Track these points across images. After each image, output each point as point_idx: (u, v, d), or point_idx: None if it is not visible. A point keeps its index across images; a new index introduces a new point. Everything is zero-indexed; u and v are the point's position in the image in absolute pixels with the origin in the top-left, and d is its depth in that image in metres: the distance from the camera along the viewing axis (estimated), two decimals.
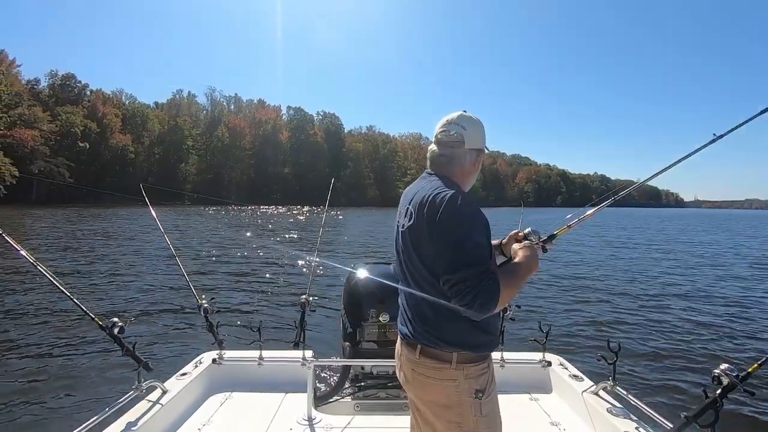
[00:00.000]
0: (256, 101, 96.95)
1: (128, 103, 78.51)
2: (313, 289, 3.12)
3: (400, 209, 1.55)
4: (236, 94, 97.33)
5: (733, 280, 11.71)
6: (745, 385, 1.68)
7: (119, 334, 2.13)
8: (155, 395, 2.27)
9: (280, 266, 12.29)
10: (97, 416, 1.88)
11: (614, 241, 23.49)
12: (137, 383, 2.19)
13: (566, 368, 2.81)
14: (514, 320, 2.67)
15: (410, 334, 1.45)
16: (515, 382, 2.81)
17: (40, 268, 2.13)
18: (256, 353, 2.80)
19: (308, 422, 2.36)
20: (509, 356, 2.86)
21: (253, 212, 47.09)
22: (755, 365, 1.71)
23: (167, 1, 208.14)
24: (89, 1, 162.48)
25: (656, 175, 1.88)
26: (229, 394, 2.70)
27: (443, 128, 1.52)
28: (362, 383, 2.71)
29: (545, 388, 2.81)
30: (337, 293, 3.89)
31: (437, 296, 1.36)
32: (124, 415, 2.06)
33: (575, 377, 2.67)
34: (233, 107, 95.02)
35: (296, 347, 2.74)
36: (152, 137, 76.84)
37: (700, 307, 8.40)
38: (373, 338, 2.67)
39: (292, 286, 9.36)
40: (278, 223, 31.76)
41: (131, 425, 1.99)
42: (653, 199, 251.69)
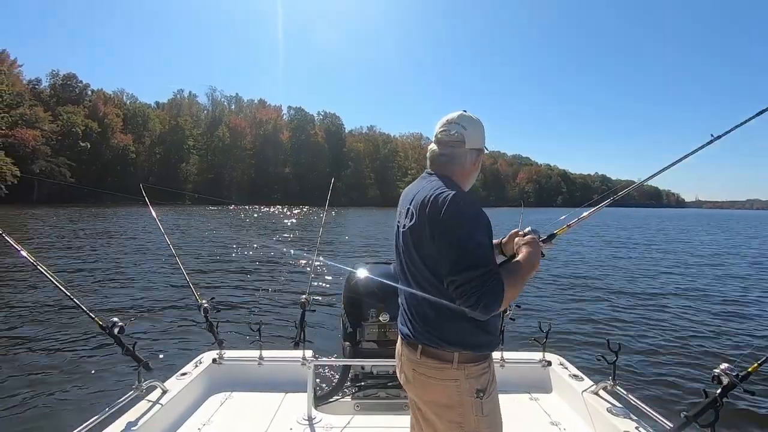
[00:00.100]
0: (256, 101, 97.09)
1: (129, 103, 78.63)
2: (313, 288, 3.12)
3: (400, 209, 1.54)
4: (237, 94, 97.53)
5: (732, 279, 11.70)
6: (745, 384, 1.68)
7: (119, 333, 2.13)
8: (155, 395, 2.27)
9: (280, 266, 12.29)
10: (97, 416, 1.89)
11: (614, 240, 23.47)
12: (137, 383, 2.19)
13: (566, 368, 2.81)
14: (514, 320, 2.67)
15: (411, 334, 1.45)
16: (515, 381, 2.81)
17: (40, 268, 2.13)
18: (256, 353, 2.81)
19: (308, 422, 2.36)
20: (509, 356, 2.86)
21: (253, 212, 47.10)
22: (755, 365, 1.71)
23: (167, 1, 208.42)
24: (89, 1, 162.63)
25: (654, 175, 1.88)
26: (229, 393, 2.70)
27: (444, 128, 1.51)
28: (362, 383, 2.71)
29: (545, 387, 2.81)
30: (337, 293, 3.89)
31: (438, 296, 1.36)
32: (124, 414, 2.06)
33: (575, 377, 2.67)
34: (234, 107, 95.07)
35: (296, 347, 2.75)
36: (153, 137, 76.93)
37: (699, 306, 8.40)
38: (373, 338, 2.67)
39: (292, 285, 9.36)
40: (279, 223, 31.78)
41: (131, 425, 1.99)
42: (654, 199, 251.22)
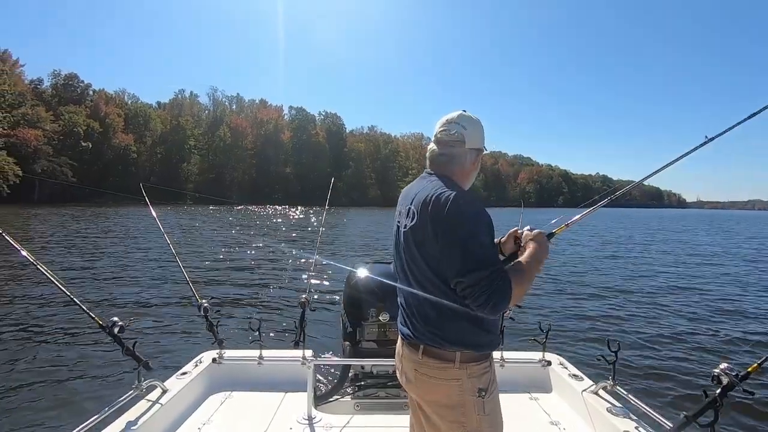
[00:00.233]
0: (257, 101, 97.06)
1: (130, 102, 78.68)
2: (313, 288, 3.13)
3: (399, 209, 1.54)
4: (238, 94, 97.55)
5: (732, 279, 11.68)
6: (744, 384, 1.67)
7: (119, 333, 2.13)
8: (155, 394, 2.27)
9: (280, 265, 12.30)
10: (97, 415, 1.89)
11: (614, 241, 23.46)
12: (137, 382, 2.19)
13: (566, 368, 2.81)
14: (514, 320, 2.67)
15: (412, 334, 1.45)
16: (515, 381, 2.81)
17: (40, 267, 2.14)
18: (256, 352, 2.81)
19: (308, 421, 2.36)
20: (509, 356, 2.86)
21: (254, 212, 47.14)
22: (755, 365, 1.71)
23: (167, 1, 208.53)
24: (89, 1, 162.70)
25: (650, 176, 1.90)
26: (229, 393, 2.70)
27: (443, 127, 1.51)
28: (362, 382, 2.71)
29: (545, 387, 2.81)
30: (337, 292, 3.90)
31: (440, 296, 1.36)
32: (124, 414, 2.06)
33: (575, 377, 2.67)
34: (235, 107, 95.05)
35: (296, 346, 2.75)
36: (154, 137, 77.03)
37: (699, 306, 8.39)
38: (373, 338, 2.68)
39: (292, 285, 9.37)
40: (279, 222, 31.79)
41: (131, 424, 1.99)
42: (655, 199, 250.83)
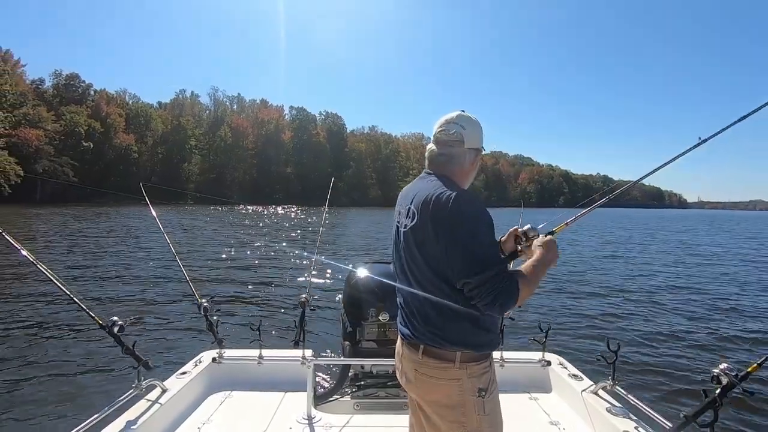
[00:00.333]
0: (258, 101, 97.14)
1: (132, 102, 78.78)
2: (313, 287, 3.13)
3: (399, 209, 1.54)
4: (239, 94, 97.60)
5: (732, 279, 11.67)
6: (744, 384, 1.67)
7: (119, 332, 2.13)
8: (155, 394, 2.27)
9: (280, 265, 12.30)
10: (97, 415, 1.89)
11: (614, 240, 23.47)
12: (137, 382, 2.20)
13: (566, 368, 2.81)
14: (513, 320, 2.67)
15: (412, 334, 1.45)
16: (515, 381, 2.81)
17: (40, 267, 2.14)
18: (255, 352, 2.81)
19: (308, 421, 2.36)
20: (509, 356, 2.86)
21: (255, 212, 47.16)
22: (755, 365, 1.70)
23: (168, 1, 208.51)
24: (89, 1, 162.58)
25: (644, 177, 1.92)
26: (228, 392, 2.70)
27: (442, 127, 1.51)
28: (362, 382, 2.71)
29: (545, 387, 2.80)
30: (337, 292, 3.90)
31: (440, 296, 1.36)
32: (123, 413, 2.06)
33: (575, 377, 2.67)
34: (236, 107, 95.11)
35: (296, 346, 2.74)
36: (155, 137, 77.09)
37: (699, 306, 8.38)
38: (372, 337, 2.67)
39: (292, 285, 9.35)
40: (280, 222, 31.82)
41: (131, 424, 1.99)
42: (656, 200, 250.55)
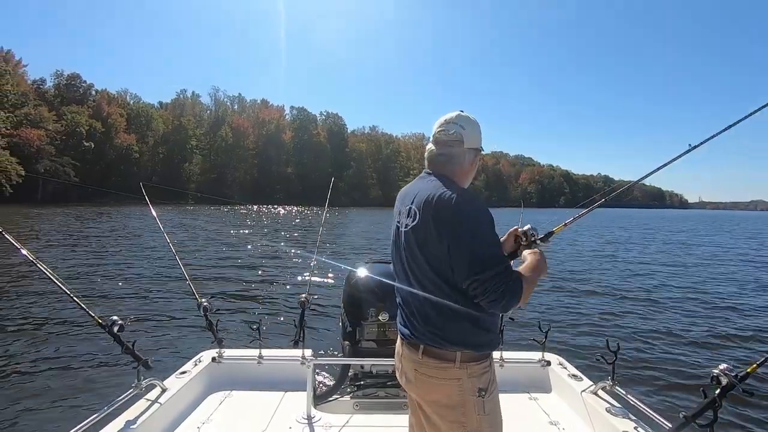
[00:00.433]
0: (259, 101, 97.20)
1: (133, 103, 78.86)
2: (313, 287, 3.12)
3: (399, 209, 1.54)
4: (240, 94, 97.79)
5: (732, 280, 11.64)
6: (744, 385, 1.66)
7: (119, 332, 2.13)
8: (155, 393, 2.27)
9: (280, 265, 12.31)
10: (96, 414, 1.89)
11: (614, 241, 23.44)
12: (137, 381, 2.20)
13: (565, 368, 2.80)
14: (513, 320, 2.67)
15: (412, 334, 1.45)
16: (514, 381, 2.80)
17: (40, 266, 2.15)
18: (255, 352, 2.81)
19: (307, 421, 2.36)
20: (508, 356, 2.86)
21: (255, 212, 47.18)
22: (754, 365, 1.70)
23: (168, 1, 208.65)
24: (89, 1, 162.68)
25: (637, 182, 1.96)
26: (228, 392, 2.70)
27: (442, 128, 1.52)
28: (361, 382, 2.71)
29: (544, 387, 2.80)
30: (337, 292, 3.90)
31: (441, 296, 1.36)
32: (123, 413, 2.06)
33: (574, 377, 2.66)
34: (237, 107, 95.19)
35: (296, 346, 2.74)
36: (156, 137, 77.13)
37: (699, 307, 8.36)
38: (372, 337, 2.68)
39: (291, 284, 9.37)
40: (281, 222, 31.83)
41: (130, 423, 1.99)
42: (657, 200, 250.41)
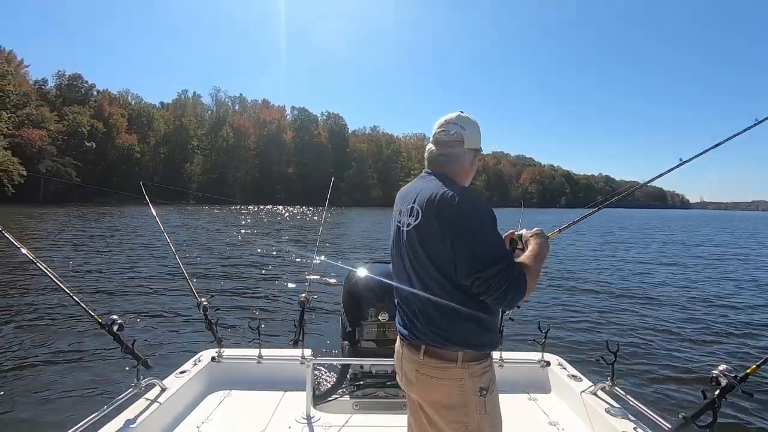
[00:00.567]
0: (260, 101, 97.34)
1: (134, 103, 79.07)
2: (312, 287, 3.13)
3: (400, 208, 1.53)
4: (241, 94, 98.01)
5: (731, 281, 11.61)
6: (743, 386, 1.66)
7: (118, 331, 2.14)
8: (154, 393, 2.27)
9: (280, 264, 12.32)
10: (95, 413, 1.89)
11: (614, 241, 23.42)
12: (136, 380, 2.20)
13: (565, 368, 2.80)
14: (513, 320, 2.66)
15: (414, 335, 1.44)
16: (514, 381, 2.80)
17: (40, 265, 2.15)
18: (255, 351, 2.81)
19: (307, 421, 2.36)
20: (508, 356, 2.85)
21: (256, 212, 47.22)
22: (754, 366, 1.70)
23: (168, 1, 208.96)
24: (89, 1, 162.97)
25: (630, 192, 1.97)
26: (228, 392, 2.70)
27: (442, 128, 1.52)
28: (361, 382, 2.71)
29: (544, 388, 2.79)
30: (336, 292, 3.90)
31: (444, 296, 1.36)
32: (123, 412, 2.06)
33: (574, 377, 2.66)
34: (238, 107, 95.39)
35: (295, 346, 2.74)
36: (158, 137, 77.31)
37: (699, 308, 8.35)
38: (372, 337, 2.68)
39: (291, 284, 9.38)
40: (281, 222, 31.86)
41: (130, 422, 1.99)
42: (658, 200, 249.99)
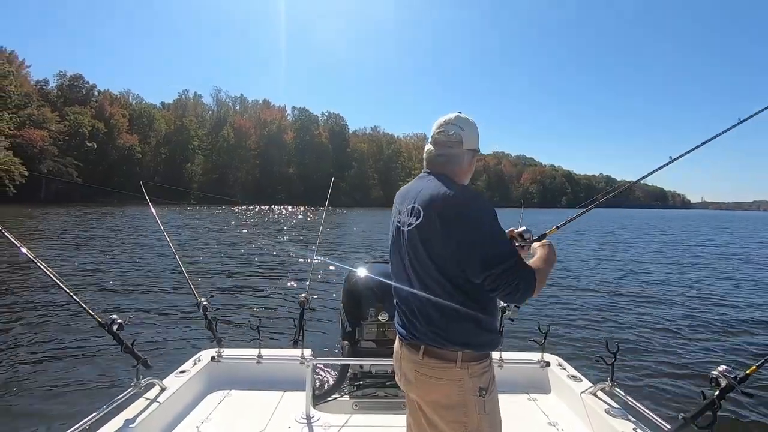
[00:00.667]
0: (261, 102, 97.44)
1: (135, 103, 79.16)
2: (312, 287, 3.12)
3: (399, 208, 1.54)
4: (242, 94, 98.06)
5: (731, 281, 11.57)
6: (743, 386, 1.66)
7: (118, 331, 2.14)
8: (154, 392, 2.28)
9: (280, 264, 12.33)
10: (95, 413, 1.89)
11: (614, 241, 23.39)
12: (136, 380, 2.20)
13: (565, 369, 2.80)
14: (513, 321, 2.66)
15: (413, 335, 1.44)
16: (514, 382, 2.80)
17: (40, 264, 2.15)
18: (255, 351, 2.81)
19: (306, 420, 2.36)
20: (508, 356, 2.85)
21: (257, 212, 47.24)
22: (753, 367, 1.69)
23: (168, 2, 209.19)
24: (89, 1, 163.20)
25: (619, 191, 2.02)
26: (227, 391, 2.71)
27: (441, 129, 1.52)
28: (361, 382, 2.72)
29: (544, 388, 2.79)
30: (336, 292, 3.91)
31: (444, 295, 1.36)
32: (122, 412, 2.06)
33: (574, 378, 2.66)
34: (239, 108, 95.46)
35: (295, 345, 2.74)
36: (159, 137, 77.40)
37: (698, 308, 8.33)
38: (372, 337, 2.68)
39: (291, 284, 9.39)
40: (282, 222, 31.87)
41: (129, 422, 1.99)
42: (659, 200, 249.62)
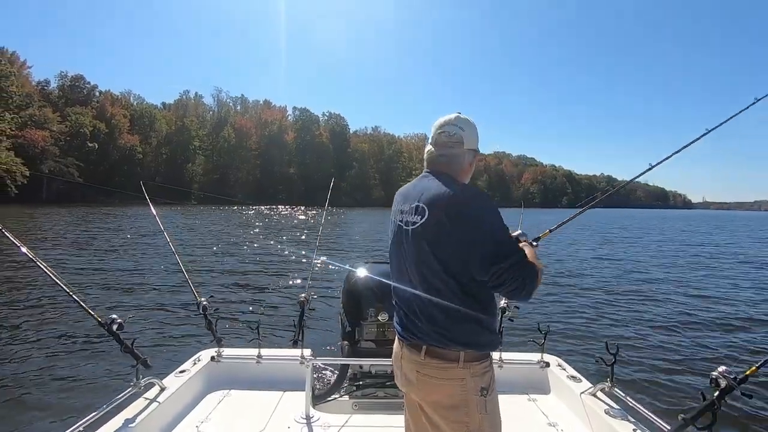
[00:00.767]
0: (261, 102, 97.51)
1: (136, 103, 79.29)
2: (312, 287, 3.12)
3: (401, 208, 1.53)
4: (242, 95, 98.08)
5: (731, 282, 11.55)
6: (743, 387, 1.66)
7: (118, 330, 2.14)
8: (153, 392, 2.28)
9: (279, 264, 12.34)
10: (95, 413, 1.90)
11: (614, 241, 23.36)
12: (135, 380, 2.20)
13: (564, 369, 2.80)
14: (512, 321, 2.66)
15: (414, 335, 1.44)
16: (513, 382, 2.80)
17: (39, 264, 2.16)
18: (254, 351, 2.81)
19: (306, 420, 2.37)
20: (507, 357, 2.85)
21: (258, 212, 47.27)
22: (753, 368, 1.69)
23: (168, 2, 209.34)
24: (89, 1, 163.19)
25: (608, 194, 2.06)
26: (227, 391, 2.71)
27: (441, 129, 1.52)
28: (360, 382, 2.72)
29: (543, 388, 2.79)
30: (336, 292, 3.91)
31: (448, 294, 1.36)
32: (122, 411, 2.07)
33: (573, 378, 2.65)
34: (239, 108, 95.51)
35: (295, 345, 2.74)
36: (160, 137, 77.54)
37: (698, 309, 8.32)
38: (371, 337, 2.69)
39: (291, 284, 9.40)
40: (283, 222, 31.89)
41: (129, 422, 1.99)
42: (660, 200, 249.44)
